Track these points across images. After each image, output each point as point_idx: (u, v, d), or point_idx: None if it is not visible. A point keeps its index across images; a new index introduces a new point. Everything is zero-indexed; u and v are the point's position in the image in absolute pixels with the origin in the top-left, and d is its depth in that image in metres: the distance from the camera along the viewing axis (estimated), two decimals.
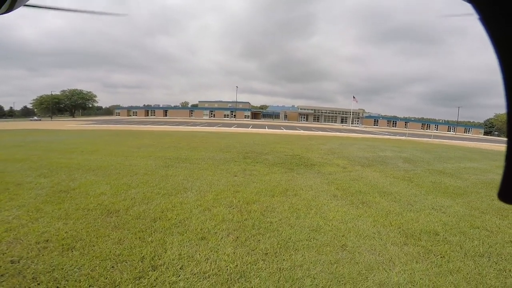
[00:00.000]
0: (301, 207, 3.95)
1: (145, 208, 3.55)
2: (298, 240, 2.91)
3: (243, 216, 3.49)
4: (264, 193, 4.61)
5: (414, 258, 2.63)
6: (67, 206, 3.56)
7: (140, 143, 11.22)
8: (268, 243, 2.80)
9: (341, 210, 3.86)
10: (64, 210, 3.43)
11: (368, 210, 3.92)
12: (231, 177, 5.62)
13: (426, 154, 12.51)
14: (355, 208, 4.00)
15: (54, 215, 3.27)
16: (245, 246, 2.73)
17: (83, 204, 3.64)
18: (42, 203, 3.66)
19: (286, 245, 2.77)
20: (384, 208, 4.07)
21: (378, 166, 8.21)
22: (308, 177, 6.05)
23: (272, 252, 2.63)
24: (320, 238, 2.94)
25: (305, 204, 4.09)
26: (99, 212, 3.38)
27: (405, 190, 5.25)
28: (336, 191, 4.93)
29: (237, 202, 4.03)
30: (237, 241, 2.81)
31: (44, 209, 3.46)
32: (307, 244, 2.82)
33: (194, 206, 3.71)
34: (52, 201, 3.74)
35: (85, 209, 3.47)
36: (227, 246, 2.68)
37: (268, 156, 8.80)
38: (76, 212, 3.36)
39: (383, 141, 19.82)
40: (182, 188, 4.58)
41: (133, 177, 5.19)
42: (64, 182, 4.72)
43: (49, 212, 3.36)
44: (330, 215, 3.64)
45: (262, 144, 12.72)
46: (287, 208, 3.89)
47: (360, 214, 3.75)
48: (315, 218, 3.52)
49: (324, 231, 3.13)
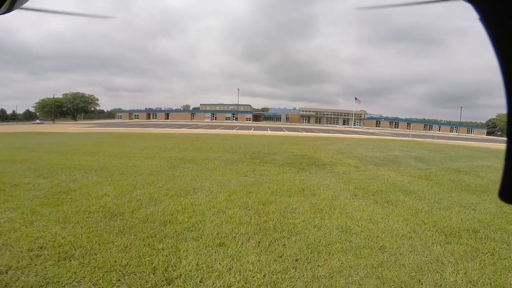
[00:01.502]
0: (323, 207, 3.64)
1: (152, 210, 3.20)
2: (329, 243, 2.59)
3: (262, 218, 3.14)
4: (280, 193, 4.26)
5: (462, 256, 2.47)
6: (66, 208, 3.22)
7: (143, 145, 10.91)
8: (296, 248, 2.47)
9: (367, 209, 3.62)
10: (63, 213, 3.08)
11: (395, 209, 3.69)
12: (241, 177, 5.27)
13: (435, 153, 12.26)
14: (381, 207, 3.77)
15: (51, 218, 2.92)
16: (270, 252, 2.38)
17: (84, 206, 3.29)
18: (39, 205, 3.32)
19: (317, 249, 2.45)
20: (411, 206, 3.86)
21: (391, 165, 7.93)
22: (322, 177, 5.72)
23: (303, 257, 2.30)
24: (353, 240, 2.67)
25: (327, 204, 3.79)
26: (102, 215, 3.03)
27: (427, 188, 5.05)
28: (355, 190, 4.66)
29: (252, 203, 3.68)
30: (260, 247, 2.46)
31: (40, 211, 3.11)
32: (341, 247, 2.52)
33: (206, 208, 3.35)
34: (50, 203, 3.40)
35: (86, 212, 3.12)
36: (250, 253, 2.33)
37: (276, 156, 8.47)
38: (75, 215, 3.01)
39: (388, 141, 19.51)
40: (191, 188, 4.23)
41: (138, 178, 4.84)
42: (64, 183, 4.38)
43: (45, 214, 3.01)
44: (356, 215, 3.38)
45: (268, 145, 12.39)
46: (308, 209, 3.58)
47: (388, 213, 3.52)
48: (341, 219, 3.23)
49: (355, 232, 2.87)
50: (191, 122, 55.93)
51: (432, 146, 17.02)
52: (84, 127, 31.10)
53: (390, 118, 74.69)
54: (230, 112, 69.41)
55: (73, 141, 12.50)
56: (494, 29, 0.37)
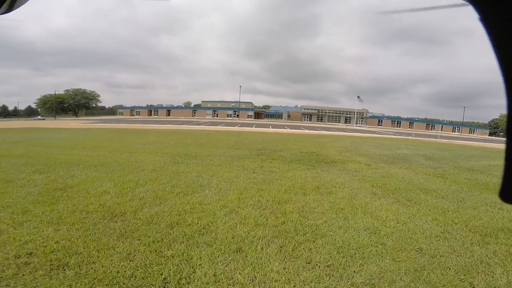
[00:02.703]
0: (344, 207, 3.39)
1: (157, 210, 2.87)
2: (360, 245, 2.36)
3: (279, 219, 2.83)
4: (294, 191, 3.95)
5: (507, 257, 2.34)
6: (61, 208, 2.90)
7: (145, 140, 10.59)
8: (325, 252, 2.19)
9: (390, 208, 3.42)
10: (57, 213, 2.76)
11: (420, 208, 3.50)
12: (250, 174, 4.95)
13: (443, 152, 12.06)
14: (404, 206, 3.58)
15: (44, 218, 2.60)
16: (295, 258, 2.07)
17: (81, 205, 2.97)
18: (32, 203, 3.00)
19: (348, 253, 2.20)
20: (435, 205, 3.69)
21: (402, 163, 7.69)
22: (334, 174, 5.42)
23: (335, 263, 2.03)
24: (386, 242, 2.47)
25: (347, 203, 3.54)
26: (101, 215, 2.71)
27: (445, 187, 4.86)
28: (373, 189, 4.44)
29: (266, 202, 3.36)
30: (282, 252, 2.15)
31: (32, 210, 2.79)
32: (375, 250, 2.30)
33: (217, 208, 3.03)
34: (44, 201, 3.08)
35: (83, 211, 2.80)
36: (273, 260, 2.01)
37: (283, 153, 8.15)
38: (72, 215, 2.69)
39: (392, 140, 19.24)
40: (197, 185, 3.91)
41: (140, 174, 4.52)
42: (62, 179, 4.06)
43: (38, 214, 2.69)
44: (381, 215, 3.16)
45: (272, 141, 12.07)
46: (328, 208, 3.30)
47: (413, 212, 3.34)
48: (366, 219, 3.00)
49: (385, 233, 2.67)
50: (193, 119, 55.58)
51: (437, 145, 16.81)
52: (85, 123, 30.80)
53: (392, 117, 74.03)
54: (231, 109, 68.95)
55: (73, 136, 12.20)
56: (494, 29, 0.37)
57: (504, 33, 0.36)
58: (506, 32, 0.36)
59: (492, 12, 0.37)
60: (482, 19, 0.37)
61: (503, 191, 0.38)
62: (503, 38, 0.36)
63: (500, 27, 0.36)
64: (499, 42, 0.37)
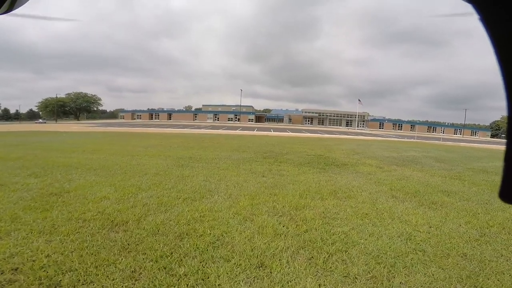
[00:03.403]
0: (368, 212, 3.13)
1: (163, 218, 2.55)
2: (399, 254, 2.16)
3: (301, 227, 2.53)
4: (310, 195, 3.65)
5: None
6: (55, 215, 2.59)
7: (147, 143, 10.31)
8: (361, 263, 1.94)
9: (417, 212, 3.24)
10: (51, 221, 2.45)
11: (448, 212, 3.34)
12: (259, 178, 4.64)
13: (452, 154, 11.81)
14: (431, 209, 3.40)
15: (35, 227, 2.29)
16: (329, 271, 1.80)
17: (77, 212, 2.66)
18: (23, 210, 2.69)
19: (388, 263, 1.97)
20: (462, 208, 3.53)
21: (414, 166, 7.44)
22: (348, 178, 5.13)
23: (377, 275, 1.78)
24: (425, 249, 2.29)
25: (371, 208, 3.29)
26: (100, 224, 2.40)
27: (466, 189, 4.69)
28: (392, 192, 4.22)
29: (282, 208, 3.04)
30: (313, 265, 1.86)
31: (23, 218, 2.48)
32: (416, 258, 2.11)
33: (229, 215, 2.71)
34: (37, 207, 2.77)
35: (79, 220, 2.49)
36: (303, 275, 1.72)
37: (290, 156, 7.85)
38: (66, 224, 2.38)
39: (397, 143, 18.98)
40: (205, 191, 3.59)
41: (143, 178, 4.21)
42: (58, 183, 3.76)
43: (28, 222, 2.38)
44: (410, 219, 2.98)
45: (277, 144, 11.78)
46: (351, 213, 3.03)
47: (443, 216, 3.18)
48: (396, 224, 2.80)
49: (421, 239, 2.49)
50: (194, 122, 55.47)
51: (443, 147, 16.54)
52: (86, 126, 30.60)
53: (393, 120, 73.75)
54: (232, 113, 68.85)
55: (73, 139, 11.93)
56: (494, 29, 0.37)
57: (504, 33, 0.36)
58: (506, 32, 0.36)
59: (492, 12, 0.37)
60: (482, 19, 0.37)
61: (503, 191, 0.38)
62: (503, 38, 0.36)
63: (500, 27, 0.36)
64: (499, 42, 0.36)
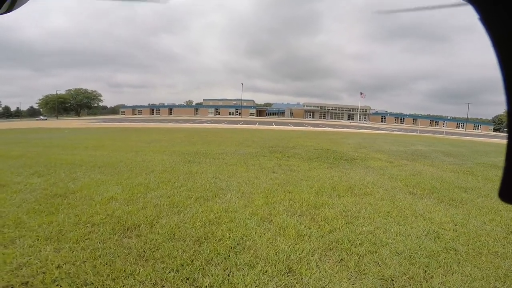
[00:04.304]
0: (389, 209, 3.01)
1: (177, 220, 2.39)
2: (430, 253, 2.08)
3: (324, 227, 2.38)
4: (326, 193, 3.49)
5: None
6: (62, 219, 2.43)
7: (150, 138, 10.14)
8: (395, 264, 1.85)
9: (439, 209, 3.14)
10: (57, 225, 2.29)
11: (470, 209, 3.24)
12: (270, 174, 4.48)
13: (459, 148, 11.67)
14: (452, 206, 3.31)
15: (41, 233, 2.13)
16: (364, 274, 1.69)
17: (85, 215, 2.50)
18: (27, 213, 2.53)
19: (422, 263, 1.93)
20: (483, 205, 3.41)
21: (424, 160, 7.29)
22: (360, 173, 4.97)
23: (415, 276, 1.72)
24: (456, 247, 2.21)
25: (391, 206, 3.16)
26: (110, 228, 2.24)
27: (481, 185, 4.57)
28: (408, 188, 4.09)
29: (300, 207, 2.88)
30: (344, 268, 1.74)
31: (27, 223, 2.33)
32: (450, 257, 2.04)
33: (246, 216, 2.55)
34: (42, 210, 2.61)
35: (88, 224, 2.33)
36: (336, 280, 1.60)
37: (297, 150, 7.67)
38: (75, 229, 2.22)
39: (402, 136, 18.81)
40: (217, 188, 3.42)
41: (150, 176, 4.05)
42: (62, 183, 3.60)
43: (34, 228, 2.22)
44: (434, 217, 2.86)
45: (282, 138, 11.60)
46: (373, 212, 2.90)
47: (465, 213, 3.09)
48: (421, 222, 2.70)
49: (449, 237, 2.40)
50: (195, 117, 55.19)
51: (449, 141, 16.38)
52: (87, 122, 30.42)
53: (395, 114, 73.13)
54: (233, 107, 68.39)
55: (75, 136, 11.77)
56: (494, 29, 0.37)
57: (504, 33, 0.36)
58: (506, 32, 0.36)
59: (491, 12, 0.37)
60: (482, 19, 0.37)
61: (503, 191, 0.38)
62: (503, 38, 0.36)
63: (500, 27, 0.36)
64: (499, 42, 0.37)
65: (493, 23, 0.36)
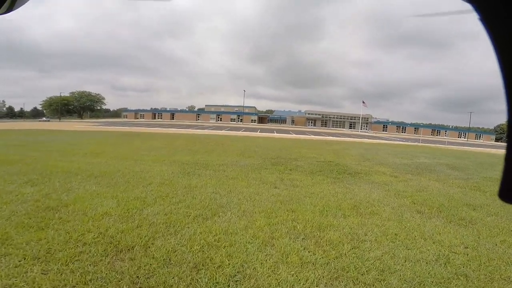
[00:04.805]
0: (397, 232, 2.90)
1: (174, 243, 2.24)
2: (441, 280, 2.01)
3: (329, 253, 2.26)
4: (331, 212, 3.35)
5: None
6: (51, 235, 2.29)
7: (150, 145, 10.03)
8: None
9: (448, 231, 3.05)
10: (46, 243, 2.15)
11: (480, 229, 3.14)
12: (271, 189, 4.33)
13: (463, 160, 11.56)
14: (461, 227, 3.22)
15: (29, 252, 1.99)
16: None
17: (76, 233, 2.36)
18: (15, 228, 2.40)
19: None
20: (493, 224, 3.33)
21: (429, 174, 7.17)
22: (365, 189, 4.83)
23: None
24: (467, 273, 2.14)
25: (398, 227, 3.05)
26: (102, 249, 2.09)
27: (490, 202, 4.47)
28: (415, 206, 3.98)
29: (304, 229, 2.74)
30: None
31: (15, 239, 2.19)
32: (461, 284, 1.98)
33: (246, 239, 2.40)
34: (31, 225, 2.48)
35: (79, 242, 2.19)
36: None
37: (299, 162, 7.53)
38: (64, 248, 2.08)
39: (404, 147, 18.64)
40: (216, 206, 3.28)
41: (147, 188, 3.91)
42: (56, 194, 3.47)
43: (21, 245, 2.08)
44: (443, 240, 2.77)
45: (284, 148, 11.47)
46: (380, 234, 2.78)
47: (475, 234, 3.00)
48: (430, 246, 2.60)
49: (460, 262, 2.32)
50: (197, 123, 55.34)
51: (452, 152, 16.25)
52: (89, 125, 30.46)
53: (396, 123, 73.15)
54: (235, 114, 68.63)
55: (75, 140, 11.69)
56: (494, 29, 0.37)
57: (504, 33, 0.36)
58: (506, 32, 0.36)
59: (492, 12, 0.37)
60: (482, 19, 0.37)
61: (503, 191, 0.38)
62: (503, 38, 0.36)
63: (500, 27, 0.36)
64: (499, 42, 0.37)
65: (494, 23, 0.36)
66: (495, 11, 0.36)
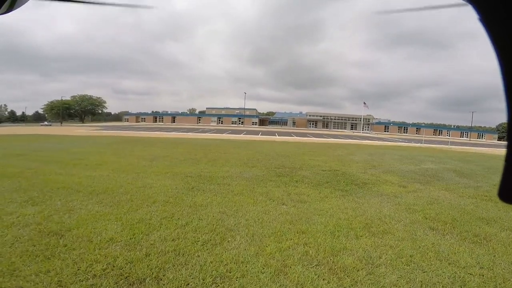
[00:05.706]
0: (412, 253, 2.83)
1: (185, 274, 2.15)
2: None
3: (344, 281, 2.21)
4: (343, 232, 3.26)
5: None
6: (59, 266, 2.21)
7: (152, 154, 9.95)
8: None
9: (463, 250, 2.99)
10: (56, 275, 2.07)
11: (495, 247, 3.10)
12: (279, 207, 4.23)
13: (469, 165, 11.40)
14: (476, 244, 3.16)
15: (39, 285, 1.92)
16: None
17: (84, 263, 2.28)
18: (21, 257, 2.32)
19: None
20: (508, 241, 3.30)
21: (438, 183, 7.04)
22: (375, 203, 4.74)
23: None
24: None
25: (412, 247, 2.98)
26: (113, 282, 2.01)
27: (503, 214, 4.41)
28: (428, 222, 3.90)
29: (316, 254, 2.65)
30: None
31: (23, 270, 2.11)
32: None
33: (258, 268, 2.31)
34: (37, 254, 2.40)
35: (88, 274, 2.10)
36: None
37: (304, 172, 7.42)
38: (75, 280, 2.00)
39: (408, 149, 18.50)
40: (224, 229, 3.18)
41: (152, 208, 3.82)
42: (57, 215, 3.38)
43: (30, 277, 1.99)
44: (458, 260, 2.72)
45: (287, 155, 11.35)
46: (394, 257, 2.70)
47: (491, 252, 2.94)
48: (445, 268, 2.54)
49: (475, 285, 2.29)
50: (198, 126, 55.36)
51: (457, 155, 16.04)
52: (90, 130, 30.45)
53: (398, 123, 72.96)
54: (236, 116, 68.64)
55: (76, 147, 11.63)
56: (494, 29, 0.36)
57: (504, 33, 0.35)
58: (506, 32, 0.35)
59: (491, 12, 0.36)
60: (482, 19, 0.37)
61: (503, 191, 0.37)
62: (503, 38, 0.36)
63: (500, 27, 0.36)
64: (499, 42, 0.36)
65: (494, 23, 0.36)
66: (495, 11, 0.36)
